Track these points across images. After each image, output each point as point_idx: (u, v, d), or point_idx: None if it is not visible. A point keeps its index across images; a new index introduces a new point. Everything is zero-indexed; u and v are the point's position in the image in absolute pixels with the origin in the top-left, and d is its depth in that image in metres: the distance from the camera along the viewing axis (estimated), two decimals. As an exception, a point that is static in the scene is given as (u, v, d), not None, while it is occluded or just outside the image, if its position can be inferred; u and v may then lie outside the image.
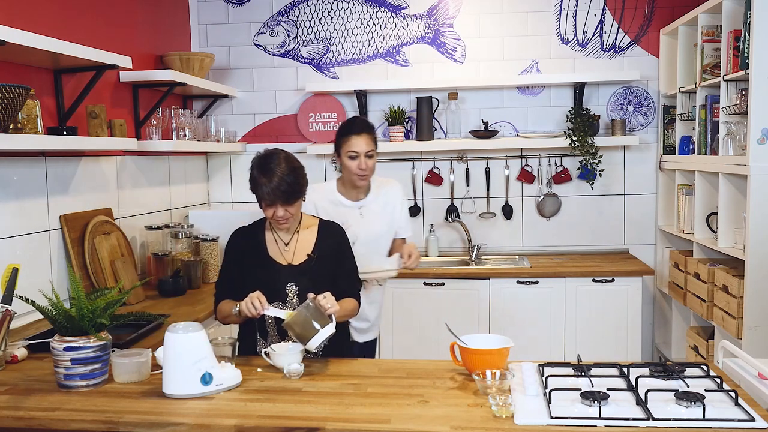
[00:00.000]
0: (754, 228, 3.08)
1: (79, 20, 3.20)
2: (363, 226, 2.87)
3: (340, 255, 2.50)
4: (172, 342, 1.96)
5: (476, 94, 4.45)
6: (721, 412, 1.73)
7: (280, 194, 2.29)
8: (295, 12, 4.49)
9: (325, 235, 2.49)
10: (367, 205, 2.93)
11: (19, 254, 2.74)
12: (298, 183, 2.33)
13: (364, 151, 2.79)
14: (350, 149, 2.80)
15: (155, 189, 3.92)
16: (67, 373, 1.99)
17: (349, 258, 2.53)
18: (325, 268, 2.42)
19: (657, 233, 4.43)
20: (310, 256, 2.43)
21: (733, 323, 3.18)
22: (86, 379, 2.00)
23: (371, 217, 2.91)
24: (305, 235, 2.48)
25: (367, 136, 2.81)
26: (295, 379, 2.08)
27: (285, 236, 2.46)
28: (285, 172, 2.29)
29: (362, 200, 2.93)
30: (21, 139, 2.48)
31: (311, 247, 2.45)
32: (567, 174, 4.43)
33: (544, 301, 3.99)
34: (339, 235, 2.53)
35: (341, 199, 2.91)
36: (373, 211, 2.93)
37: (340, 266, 2.48)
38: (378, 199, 2.96)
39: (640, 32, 4.35)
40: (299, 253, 2.44)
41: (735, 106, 3.25)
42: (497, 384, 1.89)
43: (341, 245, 2.51)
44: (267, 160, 2.33)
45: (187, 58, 4.01)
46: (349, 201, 2.91)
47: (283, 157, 2.35)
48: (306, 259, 2.42)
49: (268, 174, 2.29)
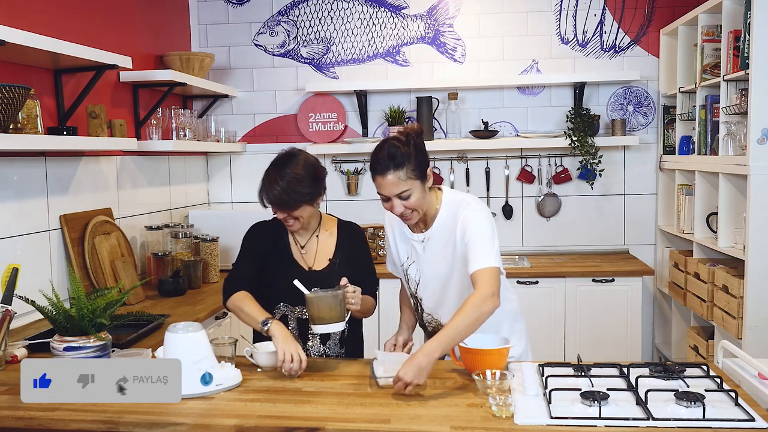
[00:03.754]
0: (754, 228, 3.08)
1: (79, 20, 3.20)
2: (425, 263, 2.31)
3: (360, 256, 2.47)
4: (172, 342, 1.96)
5: (476, 94, 4.45)
6: (721, 412, 1.73)
7: (277, 201, 2.26)
8: (295, 12, 4.49)
9: (345, 238, 2.46)
10: (432, 237, 2.28)
11: (19, 254, 2.74)
12: (298, 192, 2.24)
13: (393, 194, 2.15)
14: (378, 191, 2.19)
15: (155, 189, 3.92)
16: (67, 373, 1.98)
17: (368, 258, 2.50)
18: (347, 271, 2.35)
19: (657, 233, 4.43)
20: (332, 261, 2.40)
21: (733, 323, 3.18)
22: (86, 379, 1.99)
23: (434, 254, 2.28)
24: (325, 238, 2.44)
25: (395, 173, 2.12)
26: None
27: (301, 239, 2.43)
28: (288, 178, 2.23)
29: (426, 232, 2.29)
30: (21, 139, 2.48)
31: (332, 250, 2.42)
32: (567, 174, 4.43)
33: (544, 301, 3.99)
34: (358, 236, 2.51)
35: (405, 229, 2.33)
36: (437, 244, 2.27)
37: (360, 267, 2.44)
38: (444, 227, 2.25)
39: (640, 32, 4.35)
40: (320, 258, 2.41)
41: (735, 106, 3.25)
42: (497, 384, 1.89)
43: (360, 246, 2.49)
44: (279, 164, 2.29)
45: (187, 58, 4.01)
46: (411, 233, 2.32)
47: (299, 164, 2.27)
48: (328, 265, 2.40)
49: (272, 178, 2.25)
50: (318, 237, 2.44)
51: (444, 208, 2.26)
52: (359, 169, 4.53)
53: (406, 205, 2.16)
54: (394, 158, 2.12)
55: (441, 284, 2.29)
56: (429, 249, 2.28)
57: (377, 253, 4.25)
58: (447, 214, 2.25)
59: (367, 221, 4.45)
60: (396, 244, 2.37)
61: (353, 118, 4.53)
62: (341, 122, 4.50)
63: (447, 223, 2.24)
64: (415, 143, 2.18)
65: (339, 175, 4.56)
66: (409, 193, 2.14)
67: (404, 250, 2.35)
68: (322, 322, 2.13)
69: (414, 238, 2.30)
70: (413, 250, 2.32)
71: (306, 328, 2.36)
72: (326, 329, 2.15)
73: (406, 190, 2.13)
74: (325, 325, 2.14)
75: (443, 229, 2.25)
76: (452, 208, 2.25)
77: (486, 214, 2.22)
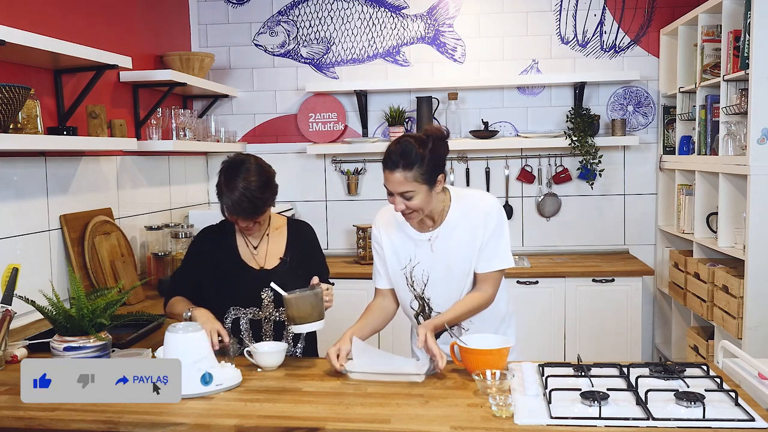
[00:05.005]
0: (754, 228, 3.08)
1: (79, 20, 3.20)
2: (434, 262, 2.27)
3: (312, 253, 2.47)
4: (172, 342, 1.96)
5: (476, 94, 4.45)
6: (721, 412, 1.73)
7: (241, 210, 2.24)
8: (295, 12, 4.48)
9: (295, 236, 2.47)
10: (441, 235, 2.26)
11: (19, 254, 2.74)
12: (262, 198, 2.24)
13: (397, 191, 2.13)
14: (385, 184, 2.17)
15: (155, 189, 3.92)
16: (67, 373, 1.98)
17: (320, 254, 2.50)
18: (298, 269, 2.38)
19: (657, 233, 4.43)
20: (283, 259, 2.41)
21: (733, 323, 3.18)
22: (86, 379, 1.99)
23: (444, 251, 2.27)
24: (275, 237, 2.44)
25: (403, 172, 2.09)
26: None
27: (254, 240, 2.43)
28: (250, 186, 2.21)
29: (433, 231, 2.28)
30: (21, 139, 2.48)
31: (282, 249, 2.43)
32: (567, 174, 4.43)
33: (544, 301, 3.99)
34: (309, 233, 2.51)
35: (407, 228, 2.30)
36: (448, 243, 2.26)
37: (313, 265, 2.44)
38: (456, 227, 2.25)
39: (640, 32, 4.35)
40: (271, 257, 2.41)
41: (735, 106, 3.25)
42: (497, 384, 1.89)
43: (312, 243, 2.49)
44: (234, 171, 2.24)
45: (187, 58, 4.01)
46: (416, 232, 2.30)
47: (252, 169, 2.24)
48: (279, 263, 2.40)
49: (232, 187, 2.22)
50: (268, 236, 2.44)
51: (455, 205, 2.25)
52: (359, 169, 4.53)
53: (407, 205, 2.14)
54: (406, 157, 2.09)
55: (453, 281, 2.28)
56: (439, 247, 2.26)
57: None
58: (460, 211, 2.25)
59: (367, 221, 4.46)
60: (394, 248, 2.32)
61: (353, 118, 4.53)
62: (341, 122, 4.50)
63: (461, 220, 2.24)
64: (433, 147, 2.14)
65: (339, 175, 4.56)
66: (412, 195, 2.12)
67: (405, 252, 2.30)
68: (302, 321, 2.15)
69: (420, 237, 2.27)
70: (419, 251, 2.28)
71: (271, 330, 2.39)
72: (307, 328, 2.16)
73: (410, 190, 2.12)
74: (306, 324, 2.15)
75: (456, 226, 2.24)
76: (464, 205, 2.26)
77: (503, 210, 2.29)
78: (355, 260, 4.35)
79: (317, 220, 4.49)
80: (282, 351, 2.20)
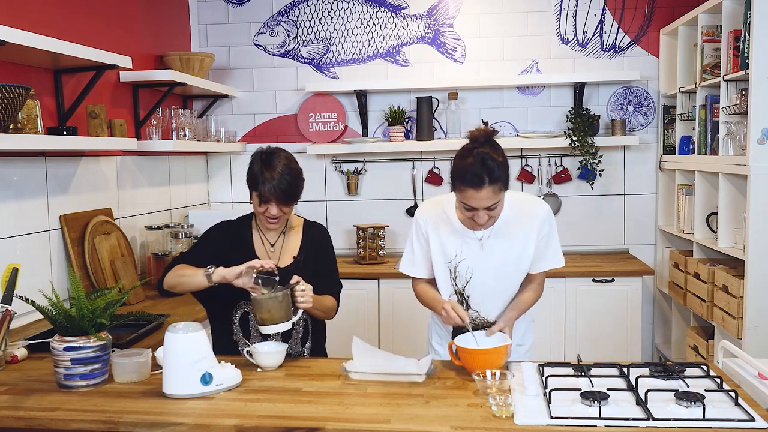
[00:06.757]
0: (754, 228, 3.08)
1: (79, 20, 3.20)
2: (482, 261, 2.28)
3: (323, 255, 2.48)
4: (172, 342, 1.96)
5: (476, 94, 4.45)
6: (721, 412, 1.73)
7: (280, 192, 2.28)
8: (295, 12, 4.49)
9: (310, 236, 2.48)
10: (493, 234, 2.27)
11: (19, 254, 2.74)
12: (297, 185, 2.33)
13: (484, 206, 2.11)
14: (465, 202, 2.13)
15: (155, 189, 3.92)
16: (67, 373, 1.99)
17: (331, 258, 2.51)
18: (310, 270, 2.40)
19: (657, 233, 4.43)
20: (296, 258, 2.42)
21: (733, 323, 3.18)
22: (86, 379, 2.00)
23: (495, 251, 2.28)
24: (291, 237, 2.47)
25: (490, 187, 2.07)
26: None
27: (271, 237, 2.45)
28: (287, 171, 2.29)
29: (485, 230, 2.27)
30: (21, 139, 2.48)
31: (297, 248, 2.44)
32: (567, 174, 4.43)
33: (544, 301, 3.95)
34: (323, 235, 2.52)
35: (458, 225, 2.29)
36: (500, 244, 2.28)
37: (323, 267, 2.46)
38: (509, 228, 2.28)
39: (640, 32, 4.35)
40: (285, 255, 2.43)
41: (735, 106, 3.25)
42: (497, 384, 1.89)
43: (325, 246, 2.50)
44: (271, 157, 2.32)
45: (187, 58, 4.01)
46: (467, 229, 2.28)
47: (285, 156, 2.34)
48: (292, 262, 2.41)
49: (271, 170, 2.28)
50: (285, 234, 2.47)
51: (508, 207, 2.25)
52: (359, 169, 4.53)
53: (489, 215, 2.16)
54: (492, 172, 2.07)
55: (500, 281, 2.33)
56: (489, 247, 2.28)
57: (377, 253, 4.26)
58: (512, 214, 2.27)
59: (367, 221, 4.46)
60: (441, 242, 2.31)
61: (353, 118, 4.53)
62: (341, 122, 4.50)
63: (512, 222, 2.27)
64: (502, 150, 2.15)
65: (339, 175, 4.56)
66: (497, 205, 2.14)
67: (453, 246, 2.30)
68: (265, 323, 2.18)
69: (471, 235, 2.27)
70: (467, 247, 2.29)
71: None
72: (271, 330, 2.19)
73: (496, 202, 2.12)
74: (270, 326, 2.18)
75: (509, 228, 2.28)
76: (517, 208, 2.29)
77: (552, 214, 2.38)
78: (355, 260, 4.35)
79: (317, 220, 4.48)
80: (282, 351, 2.20)
